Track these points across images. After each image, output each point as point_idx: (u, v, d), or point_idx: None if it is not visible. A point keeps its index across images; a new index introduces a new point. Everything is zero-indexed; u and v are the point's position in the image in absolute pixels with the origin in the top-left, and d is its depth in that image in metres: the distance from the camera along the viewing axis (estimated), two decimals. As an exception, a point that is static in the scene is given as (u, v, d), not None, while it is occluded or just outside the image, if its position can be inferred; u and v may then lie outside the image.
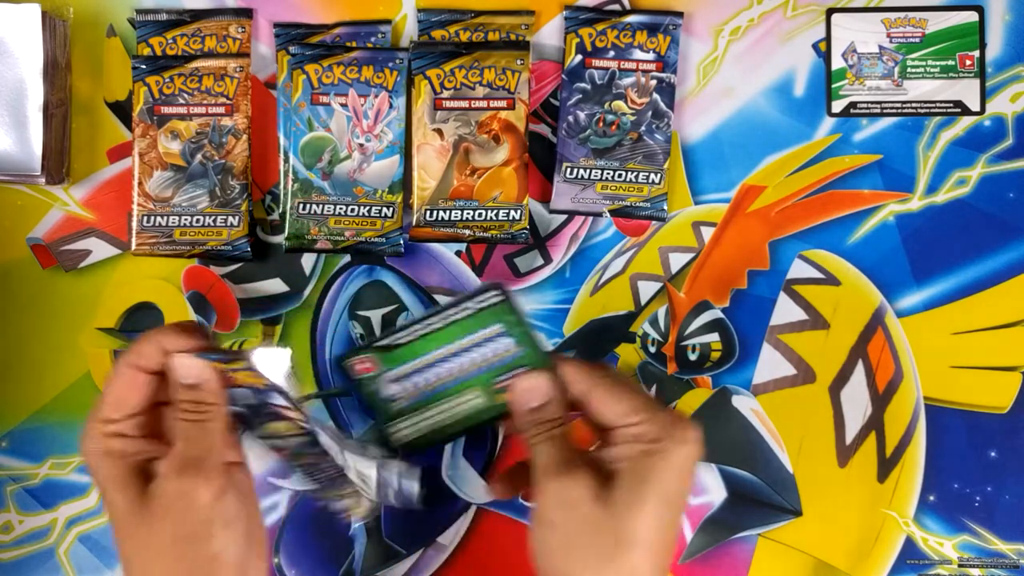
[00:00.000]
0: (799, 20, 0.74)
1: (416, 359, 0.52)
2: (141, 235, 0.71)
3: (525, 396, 0.51)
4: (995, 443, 0.73)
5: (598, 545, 0.46)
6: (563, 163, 0.73)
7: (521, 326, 0.52)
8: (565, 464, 0.48)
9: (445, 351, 0.52)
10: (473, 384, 0.52)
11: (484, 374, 0.52)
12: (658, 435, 0.48)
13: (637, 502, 0.46)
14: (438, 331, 0.52)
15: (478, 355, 0.52)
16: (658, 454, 0.47)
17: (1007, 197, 0.73)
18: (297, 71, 0.71)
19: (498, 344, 0.52)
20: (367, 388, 0.53)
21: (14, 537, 0.73)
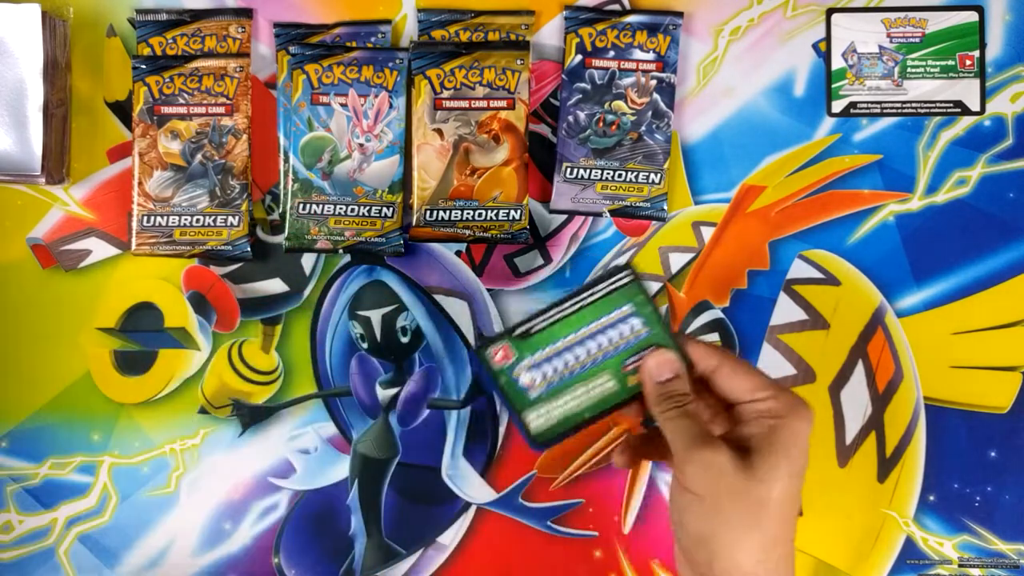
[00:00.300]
0: (799, 20, 0.74)
1: (551, 345, 0.53)
2: (141, 235, 0.71)
3: (657, 370, 0.53)
4: (995, 443, 0.73)
5: (742, 511, 0.49)
6: (563, 163, 0.73)
7: (649, 306, 0.53)
8: (704, 437, 0.51)
9: (578, 335, 0.54)
10: (605, 367, 0.54)
11: (615, 357, 0.54)
12: (783, 411, 0.51)
13: (773, 470, 0.49)
14: (572, 315, 0.53)
15: (609, 337, 0.54)
16: (787, 428, 0.50)
17: (1007, 197, 0.73)
18: (297, 71, 0.71)
19: (628, 325, 0.54)
20: (504, 378, 0.54)
21: (14, 537, 0.73)
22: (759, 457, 0.50)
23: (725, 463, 0.49)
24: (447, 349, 0.74)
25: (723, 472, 0.49)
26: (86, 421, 0.73)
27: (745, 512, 0.49)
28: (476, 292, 0.74)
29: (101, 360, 0.73)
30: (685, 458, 0.50)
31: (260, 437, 0.73)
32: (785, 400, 0.51)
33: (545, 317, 0.53)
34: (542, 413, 0.54)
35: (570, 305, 0.53)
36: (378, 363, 0.74)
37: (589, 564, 0.73)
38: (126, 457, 0.73)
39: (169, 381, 0.73)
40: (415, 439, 0.74)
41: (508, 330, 0.53)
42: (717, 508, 0.49)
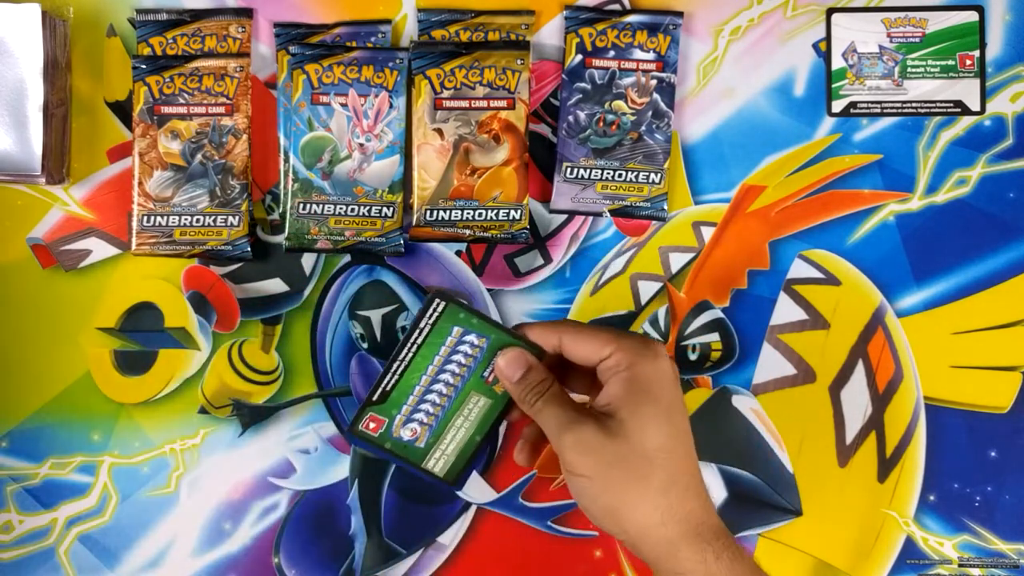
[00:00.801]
0: (799, 20, 0.74)
1: (410, 394, 0.54)
2: (141, 235, 0.71)
3: (509, 370, 0.53)
4: (995, 443, 0.73)
5: (628, 476, 0.49)
6: (563, 163, 0.73)
7: (475, 317, 0.54)
8: (571, 419, 0.51)
9: (430, 374, 0.55)
10: (469, 389, 0.55)
11: (472, 376, 0.54)
12: (629, 359, 0.51)
13: (640, 422, 0.50)
14: (413, 360, 0.54)
15: (457, 362, 0.55)
16: (637, 375, 0.50)
17: (1007, 197, 0.73)
18: (297, 71, 0.71)
19: (466, 344, 0.54)
20: (389, 443, 0.54)
21: (14, 537, 0.73)
22: (623, 414, 0.50)
23: (593, 437, 0.49)
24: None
25: (595, 446, 0.49)
26: (86, 421, 0.73)
27: (631, 475, 0.49)
28: (476, 292, 0.74)
29: (101, 360, 0.73)
30: (559, 445, 0.51)
31: (260, 437, 0.73)
32: (630, 348, 0.51)
33: (392, 373, 0.54)
34: (439, 456, 0.55)
35: (407, 353, 0.54)
36: (378, 363, 0.74)
37: (589, 564, 0.73)
38: (126, 457, 0.73)
39: (169, 381, 0.73)
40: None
41: (365, 401, 0.54)
42: (605, 482, 0.49)
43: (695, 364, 0.73)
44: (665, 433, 0.50)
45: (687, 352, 0.73)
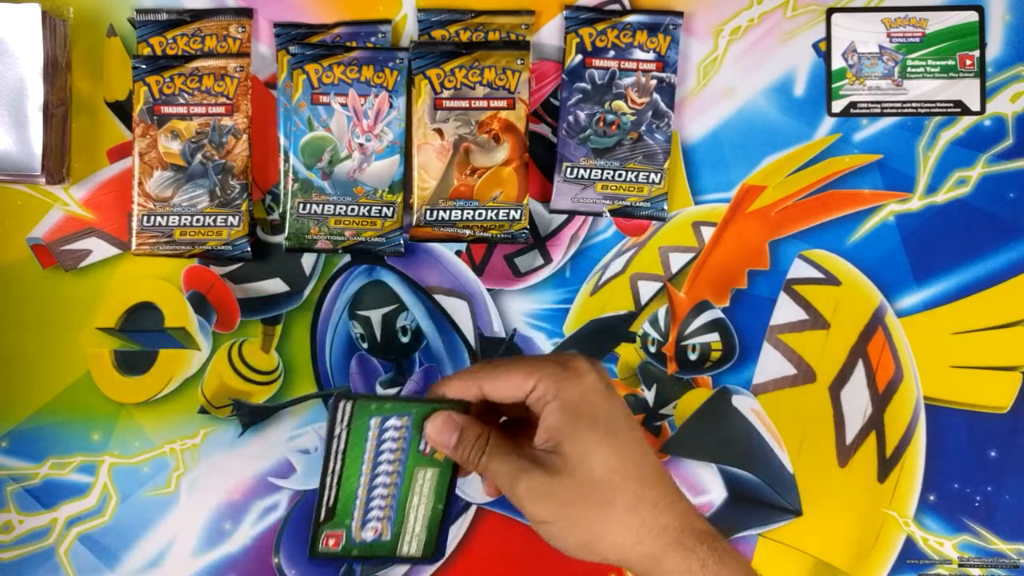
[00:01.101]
0: (799, 20, 0.74)
1: (356, 499, 0.53)
2: (141, 235, 0.71)
3: (441, 439, 0.52)
4: (995, 443, 0.73)
5: (589, 509, 0.48)
6: (563, 163, 0.73)
7: (387, 402, 0.52)
8: (518, 468, 0.49)
9: (367, 473, 0.53)
10: (412, 468, 0.53)
11: (409, 455, 0.53)
12: (556, 385, 0.49)
13: (583, 448, 0.48)
14: (344, 469, 0.52)
15: (390, 449, 0.53)
16: (568, 401, 0.49)
17: (1007, 197, 0.73)
18: (297, 71, 0.71)
19: (390, 429, 0.53)
20: (356, 550, 0.54)
21: (14, 537, 0.73)
22: (565, 447, 0.48)
23: (542, 481, 0.48)
24: (447, 349, 0.74)
25: (548, 490, 0.48)
26: (86, 421, 0.73)
27: (591, 507, 0.48)
28: (476, 292, 0.74)
29: (101, 360, 0.73)
30: (513, 498, 0.49)
31: (260, 437, 0.73)
32: (550, 373, 0.49)
33: (328, 488, 0.53)
34: (409, 539, 0.54)
35: (335, 464, 0.52)
36: (378, 363, 0.74)
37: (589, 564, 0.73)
38: (126, 457, 0.73)
39: (169, 381, 0.73)
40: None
41: (315, 523, 0.53)
42: (568, 522, 0.48)
43: (695, 364, 0.73)
44: (611, 453, 0.48)
45: (687, 352, 0.73)
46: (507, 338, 0.74)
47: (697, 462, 0.73)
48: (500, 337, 0.74)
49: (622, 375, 0.74)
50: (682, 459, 0.73)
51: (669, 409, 0.73)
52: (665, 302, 0.74)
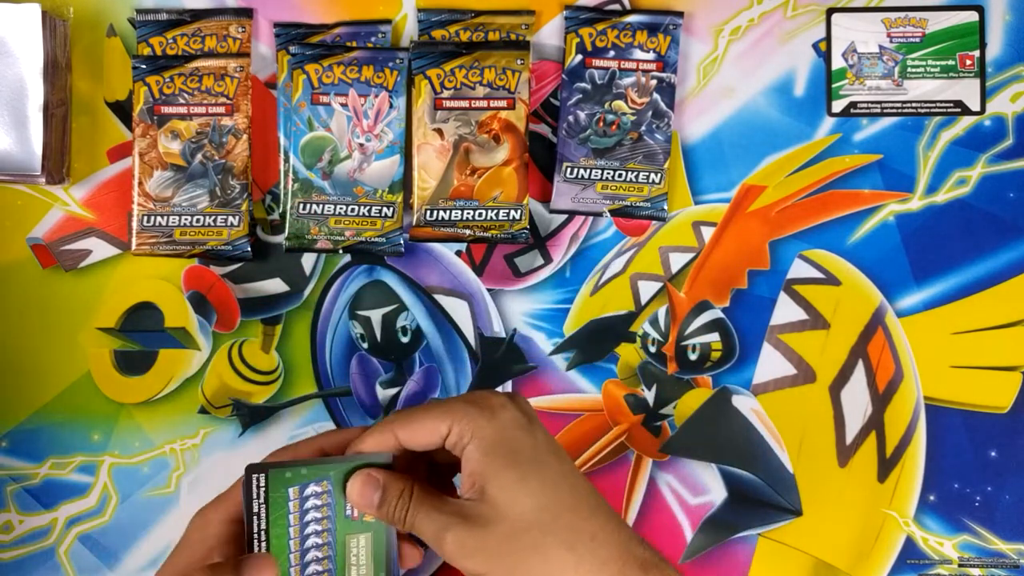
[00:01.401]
0: (799, 20, 0.74)
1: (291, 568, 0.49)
2: (141, 235, 0.71)
3: (364, 501, 0.49)
4: (995, 443, 0.73)
5: (523, 550, 0.45)
6: (563, 163, 0.73)
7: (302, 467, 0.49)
8: (444, 522, 0.47)
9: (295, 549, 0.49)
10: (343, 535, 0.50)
11: (338, 523, 0.50)
12: (471, 426, 0.47)
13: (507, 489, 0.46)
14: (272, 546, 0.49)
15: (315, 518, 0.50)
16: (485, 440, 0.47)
17: (1007, 197, 0.73)
18: (297, 71, 0.71)
19: (311, 496, 0.50)
20: None
21: (14, 537, 0.73)
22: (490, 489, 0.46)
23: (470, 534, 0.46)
24: (447, 349, 0.74)
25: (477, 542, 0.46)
26: (86, 421, 0.73)
27: (524, 552, 0.45)
28: (476, 292, 0.74)
29: (101, 360, 0.73)
30: (442, 553, 0.47)
31: (260, 437, 0.73)
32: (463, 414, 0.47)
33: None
34: None
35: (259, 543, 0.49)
36: (378, 363, 0.74)
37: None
38: (126, 457, 0.73)
39: (169, 381, 0.73)
40: (415, 439, 0.73)
41: None
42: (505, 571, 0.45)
43: (695, 364, 0.73)
44: (538, 490, 0.46)
45: (687, 352, 0.73)
46: (507, 338, 0.74)
47: (697, 462, 0.73)
48: (500, 337, 0.74)
49: (622, 375, 0.74)
50: (682, 459, 0.73)
51: (669, 409, 0.73)
52: (665, 302, 0.74)
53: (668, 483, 0.73)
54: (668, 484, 0.73)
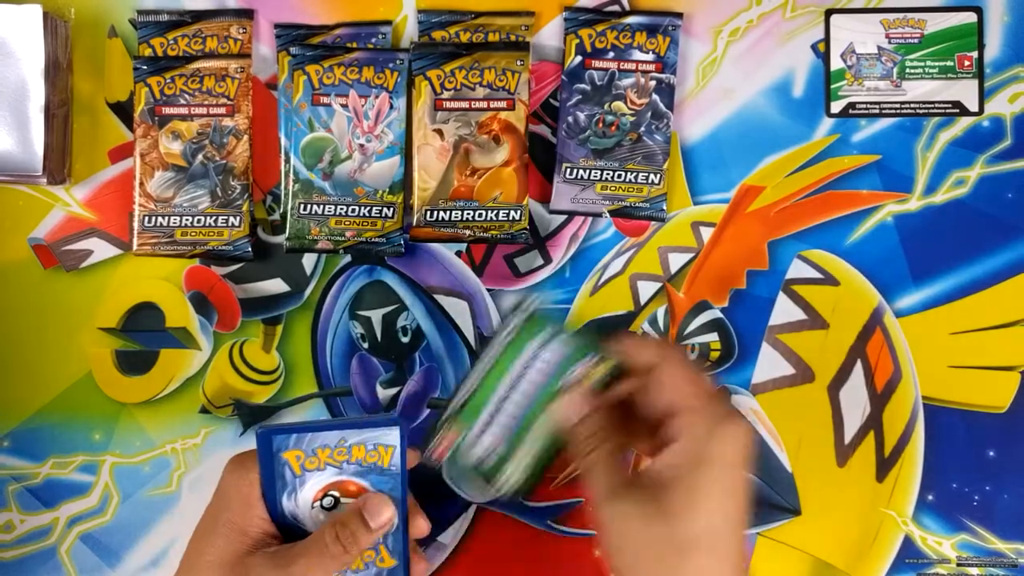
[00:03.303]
0: (798, 21, 0.74)
1: (488, 403, 0.52)
2: (142, 235, 0.71)
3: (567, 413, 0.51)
4: (994, 442, 0.73)
5: (662, 559, 0.47)
6: (563, 163, 0.73)
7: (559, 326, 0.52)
8: (617, 487, 0.48)
9: (509, 380, 0.52)
10: (544, 402, 0.52)
11: (552, 383, 0.52)
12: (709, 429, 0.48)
13: (696, 499, 0.47)
14: (489, 374, 0.52)
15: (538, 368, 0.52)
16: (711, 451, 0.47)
17: (1005, 197, 0.74)
18: (298, 72, 0.71)
19: (548, 350, 0.52)
20: (456, 468, 0.53)
21: (15, 536, 0.73)
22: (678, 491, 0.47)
23: (635, 516, 0.47)
24: (447, 349, 0.74)
25: (635, 526, 0.47)
26: (87, 421, 0.73)
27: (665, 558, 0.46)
28: (476, 292, 0.74)
29: (102, 360, 0.73)
30: (599, 512, 0.48)
31: (261, 437, 0.73)
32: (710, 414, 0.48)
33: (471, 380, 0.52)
34: (512, 471, 0.53)
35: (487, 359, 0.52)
36: (379, 363, 0.74)
37: (589, 563, 0.74)
38: (127, 456, 0.73)
39: (170, 381, 0.73)
40: (415, 438, 0.74)
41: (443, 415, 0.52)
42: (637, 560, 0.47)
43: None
44: (718, 513, 0.47)
45: (686, 352, 0.74)
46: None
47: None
48: (500, 337, 0.74)
49: (622, 375, 0.74)
50: (681, 459, 0.74)
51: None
52: (664, 302, 0.74)
53: (667, 482, 0.74)
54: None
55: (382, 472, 0.53)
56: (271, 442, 0.52)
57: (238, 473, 0.53)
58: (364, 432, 0.53)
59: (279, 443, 0.52)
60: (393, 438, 0.53)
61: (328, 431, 0.52)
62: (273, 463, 0.52)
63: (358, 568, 0.53)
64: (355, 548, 0.50)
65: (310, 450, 0.52)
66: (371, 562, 0.53)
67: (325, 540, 0.50)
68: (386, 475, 0.53)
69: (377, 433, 0.53)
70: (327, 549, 0.50)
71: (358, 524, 0.51)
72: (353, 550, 0.50)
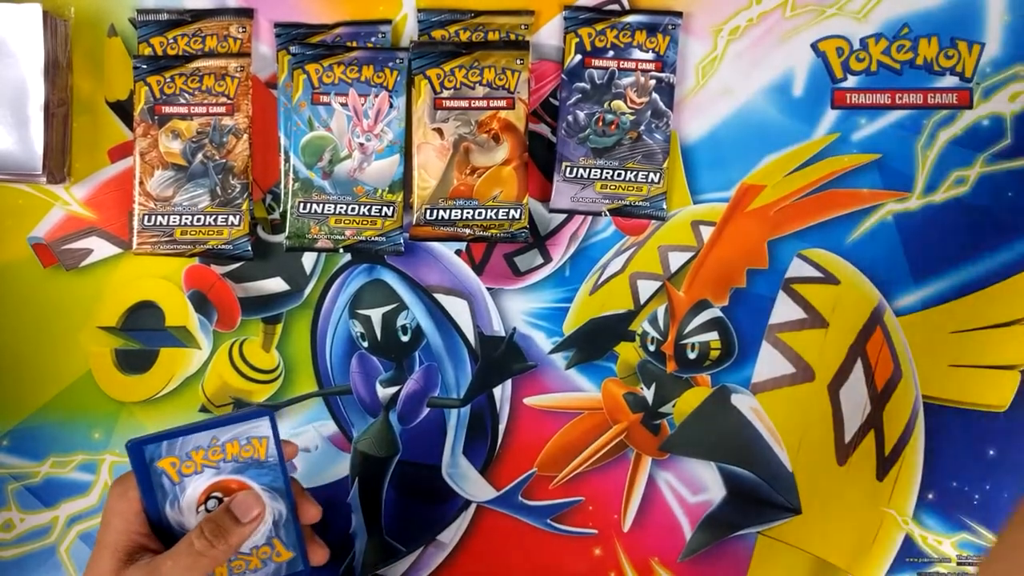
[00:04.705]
0: (798, 20, 0.74)
1: None
2: (142, 234, 0.71)
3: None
4: (994, 441, 0.73)
5: None
6: (563, 162, 0.73)
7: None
8: None
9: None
10: None
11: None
12: None
13: None
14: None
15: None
16: None
17: (1005, 196, 0.74)
18: (298, 71, 0.71)
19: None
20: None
21: (15, 535, 0.73)
22: None
23: None
24: (447, 348, 0.74)
25: None
26: (87, 420, 0.73)
27: None
28: (476, 291, 0.74)
29: (102, 359, 0.73)
30: None
31: (261, 436, 0.73)
32: None
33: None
34: None
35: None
36: (378, 362, 0.74)
37: (589, 562, 0.74)
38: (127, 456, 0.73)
39: (170, 380, 0.73)
40: (415, 437, 0.74)
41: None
42: None
43: (694, 363, 0.74)
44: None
45: (686, 351, 0.74)
46: (507, 337, 0.74)
47: (696, 460, 0.73)
48: (500, 336, 0.74)
49: (621, 374, 0.74)
50: (681, 457, 0.74)
51: (668, 408, 0.74)
52: (664, 301, 0.74)
53: (667, 481, 0.74)
54: (667, 482, 0.74)
55: (261, 465, 0.53)
56: (143, 452, 0.53)
57: (117, 493, 0.55)
58: (234, 427, 0.53)
59: (151, 452, 0.53)
60: (264, 429, 0.53)
61: (198, 432, 0.53)
62: (149, 474, 0.53)
63: (256, 567, 0.54)
64: (223, 543, 0.52)
65: (184, 454, 0.53)
66: (267, 558, 0.54)
67: (192, 539, 0.52)
68: (265, 467, 0.54)
69: (247, 427, 0.53)
70: (193, 547, 0.52)
71: (226, 520, 0.53)
72: (220, 545, 0.52)
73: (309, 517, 0.57)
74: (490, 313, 0.74)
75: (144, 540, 0.53)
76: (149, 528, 0.54)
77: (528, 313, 0.74)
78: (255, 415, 0.54)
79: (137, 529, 0.54)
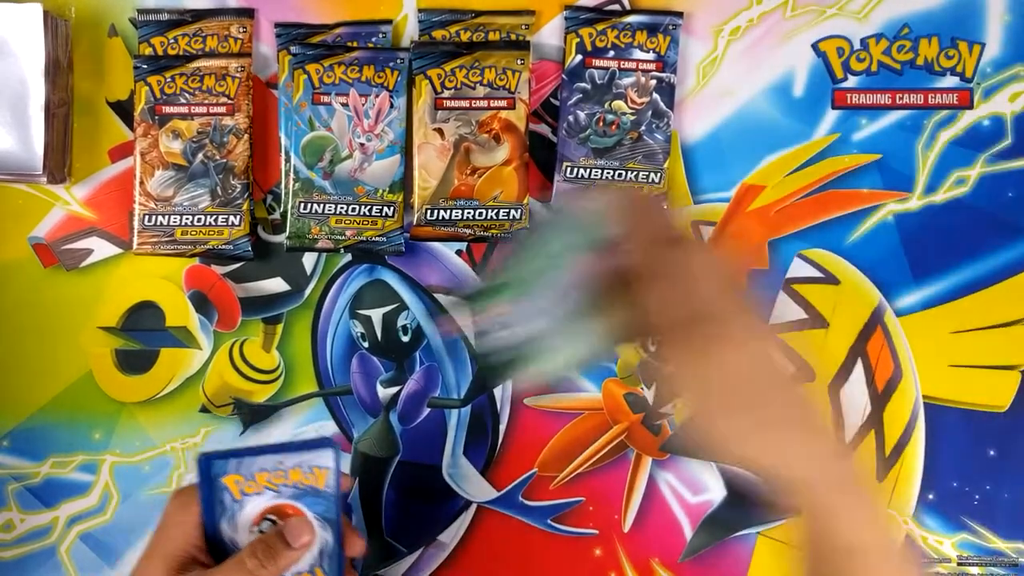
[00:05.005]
0: (798, 20, 0.74)
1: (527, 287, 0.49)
2: (142, 234, 0.71)
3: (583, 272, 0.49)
4: (994, 442, 0.73)
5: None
6: (563, 163, 0.73)
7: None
8: None
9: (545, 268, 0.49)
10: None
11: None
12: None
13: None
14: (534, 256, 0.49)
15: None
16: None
17: (1006, 196, 0.74)
18: (298, 71, 0.71)
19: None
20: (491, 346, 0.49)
21: (15, 536, 0.73)
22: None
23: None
24: (448, 348, 0.74)
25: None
26: (87, 420, 0.73)
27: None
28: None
29: (102, 359, 0.73)
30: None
31: (261, 436, 0.73)
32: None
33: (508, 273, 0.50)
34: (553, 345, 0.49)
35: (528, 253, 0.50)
36: (379, 362, 0.74)
37: (589, 562, 0.74)
38: (127, 456, 0.73)
39: (170, 380, 0.73)
40: (416, 438, 0.74)
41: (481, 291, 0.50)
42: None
43: (695, 363, 0.74)
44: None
45: (687, 351, 0.74)
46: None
47: (696, 461, 0.73)
48: (500, 336, 0.74)
49: (622, 374, 0.74)
50: (682, 458, 0.74)
51: (669, 408, 0.74)
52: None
53: (668, 482, 0.74)
54: (668, 483, 0.74)
55: (317, 494, 0.55)
56: (211, 467, 0.54)
57: (178, 503, 0.55)
58: (300, 455, 0.55)
59: (219, 468, 0.54)
60: (328, 460, 0.55)
61: (266, 454, 0.54)
62: (212, 489, 0.54)
63: None
64: (273, 565, 0.53)
65: (249, 474, 0.54)
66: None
67: (243, 557, 0.53)
68: (321, 497, 0.55)
69: (312, 455, 0.55)
70: (244, 565, 0.53)
71: (278, 543, 0.54)
72: (270, 566, 0.53)
73: (355, 551, 0.58)
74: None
75: (197, 553, 0.54)
76: (204, 542, 0.54)
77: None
78: (322, 445, 0.55)
79: (194, 542, 0.54)
